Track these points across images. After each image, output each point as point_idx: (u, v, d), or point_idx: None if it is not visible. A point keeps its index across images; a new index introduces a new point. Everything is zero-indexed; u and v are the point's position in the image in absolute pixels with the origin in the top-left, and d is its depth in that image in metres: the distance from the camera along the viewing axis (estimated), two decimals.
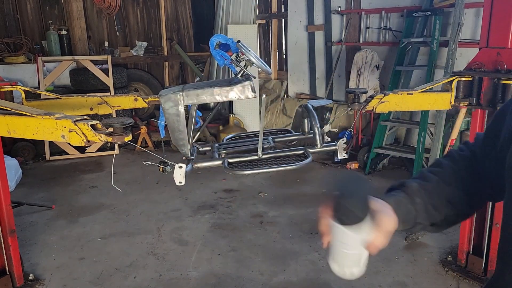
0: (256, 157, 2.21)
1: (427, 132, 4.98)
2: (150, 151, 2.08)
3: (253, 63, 1.99)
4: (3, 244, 2.79)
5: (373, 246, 0.89)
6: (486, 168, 0.97)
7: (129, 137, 1.81)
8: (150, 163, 2.02)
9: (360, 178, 0.89)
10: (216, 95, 1.89)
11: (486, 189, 1.04)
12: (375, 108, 2.56)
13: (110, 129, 1.79)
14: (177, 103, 1.90)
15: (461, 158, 1.04)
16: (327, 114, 6.37)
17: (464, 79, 2.71)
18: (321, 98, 6.75)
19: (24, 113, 1.94)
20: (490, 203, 2.80)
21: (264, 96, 2.77)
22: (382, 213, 0.87)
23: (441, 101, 2.72)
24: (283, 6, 7.78)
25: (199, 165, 2.13)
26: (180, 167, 1.92)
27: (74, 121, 1.80)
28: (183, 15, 8.43)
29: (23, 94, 2.76)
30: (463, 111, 2.98)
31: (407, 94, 2.62)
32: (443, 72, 4.84)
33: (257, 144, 2.11)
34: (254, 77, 2.01)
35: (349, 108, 2.60)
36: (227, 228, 3.87)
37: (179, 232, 3.80)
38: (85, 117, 1.86)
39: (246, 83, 1.89)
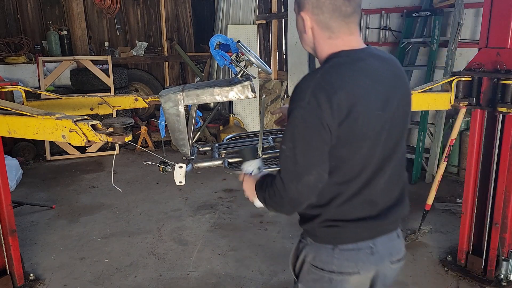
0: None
1: (426, 132, 4.99)
2: (150, 151, 2.09)
3: (253, 63, 1.99)
4: (3, 244, 2.80)
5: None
6: None
7: (130, 137, 1.81)
8: (150, 163, 2.03)
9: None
10: (216, 95, 1.90)
11: None
12: None
13: (111, 129, 1.79)
14: (177, 103, 1.90)
15: None
16: None
17: (463, 79, 2.72)
18: None
19: (25, 113, 1.95)
20: (490, 203, 2.82)
21: (264, 96, 2.77)
22: None
23: (441, 101, 2.73)
24: (283, 6, 7.79)
25: (199, 165, 2.13)
26: (180, 167, 1.92)
27: (75, 121, 1.80)
28: (183, 16, 8.44)
29: (24, 94, 2.77)
30: (462, 111, 2.98)
31: None
32: (442, 72, 4.85)
33: (257, 144, 2.11)
34: (254, 77, 2.01)
35: None
36: (227, 227, 3.88)
37: (179, 232, 3.81)
38: (85, 117, 1.86)
39: (246, 83, 1.89)
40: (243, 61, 2.05)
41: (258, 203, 1.51)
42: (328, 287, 1.39)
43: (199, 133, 2.60)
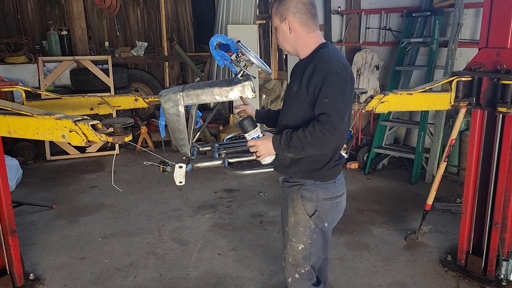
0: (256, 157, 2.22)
1: (426, 132, 4.99)
2: (150, 151, 2.10)
3: (253, 63, 2.00)
4: (3, 244, 2.80)
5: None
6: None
7: (130, 137, 1.81)
8: (151, 163, 2.03)
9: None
10: (216, 95, 1.90)
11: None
12: (375, 108, 2.57)
13: (111, 129, 1.79)
14: (177, 103, 1.90)
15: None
16: None
17: (463, 79, 2.72)
18: None
19: (25, 113, 1.95)
20: (490, 204, 2.82)
21: (264, 96, 2.77)
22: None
23: (441, 101, 2.73)
24: None
25: (199, 165, 2.13)
26: (180, 167, 1.93)
27: (75, 121, 1.80)
28: (183, 16, 8.44)
29: (24, 94, 2.77)
30: (462, 111, 2.98)
31: (407, 94, 2.63)
32: (442, 72, 4.85)
33: None
34: (254, 77, 2.02)
35: None
36: (227, 227, 3.88)
37: (179, 232, 3.81)
38: (85, 117, 1.86)
39: (246, 83, 1.89)
40: (243, 61, 2.05)
41: (269, 159, 1.95)
42: (336, 208, 2.06)
43: (199, 133, 2.60)
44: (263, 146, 1.89)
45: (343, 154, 2.07)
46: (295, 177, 2.02)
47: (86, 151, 6.19)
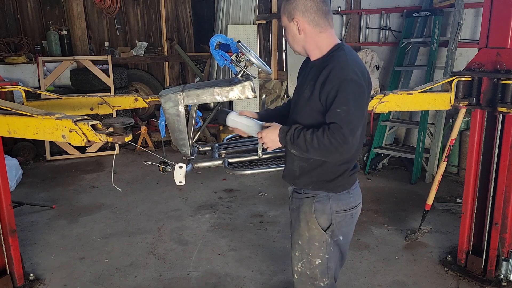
0: (256, 157, 2.22)
1: (426, 132, 4.99)
2: (150, 151, 2.10)
3: (253, 63, 2.00)
4: (3, 244, 2.80)
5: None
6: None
7: (130, 137, 1.81)
8: (151, 163, 2.03)
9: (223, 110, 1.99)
10: (216, 95, 1.90)
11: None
12: (375, 108, 2.57)
13: (111, 129, 1.79)
14: (177, 103, 1.90)
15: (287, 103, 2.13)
16: None
17: (463, 79, 2.72)
18: None
19: (25, 113, 1.95)
20: (490, 204, 2.83)
21: (264, 96, 2.78)
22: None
23: (441, 101, 2.73)
24: None
25: (199, 165, 2.14)
26: (180, 167, 1.93)
27: (75, 121, 1.80)
28: (183, 15, 8.43)
29: (24, 94, 2.77)
30: (462, 111, 2.98)
31: (407, 94, 2.63)
32: (442, 72, 4.85)
33: (257, 144, 2.11)
34: (254, 77, 2.01)
35: None
36: (227, 227, 3.88)
37: (179, 232, 3.81)
38: (85, 117, 1.86)
39: (246, 83, 1.89)
40: (243, 61, 2.05)
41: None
42: (351, 220, 1.93)
43: (199, 133, 2.60)
44: (268, 138, 1.79)
45: None
46: (306, 188, 1.90)
47: (86, 151, 6.19)
